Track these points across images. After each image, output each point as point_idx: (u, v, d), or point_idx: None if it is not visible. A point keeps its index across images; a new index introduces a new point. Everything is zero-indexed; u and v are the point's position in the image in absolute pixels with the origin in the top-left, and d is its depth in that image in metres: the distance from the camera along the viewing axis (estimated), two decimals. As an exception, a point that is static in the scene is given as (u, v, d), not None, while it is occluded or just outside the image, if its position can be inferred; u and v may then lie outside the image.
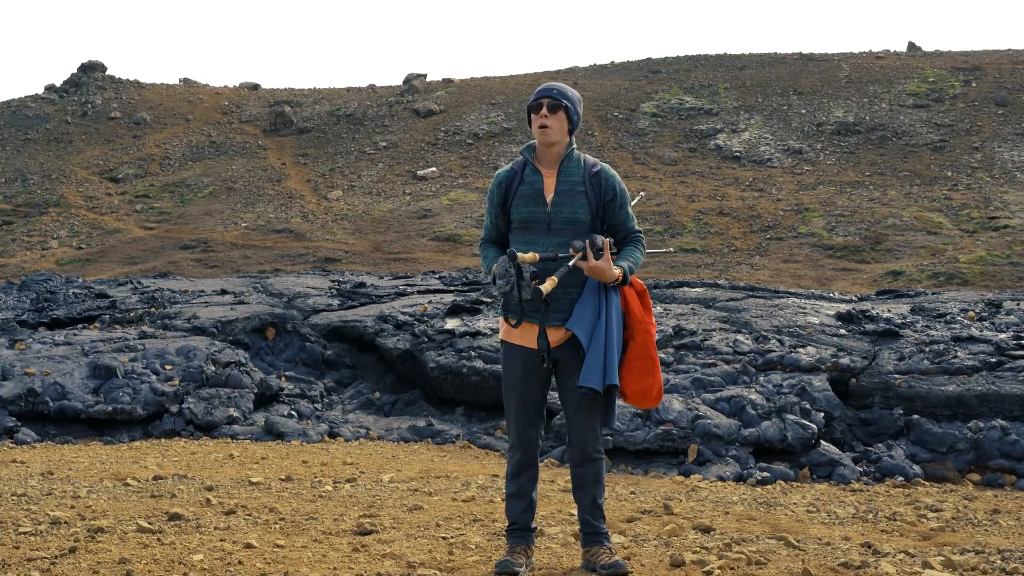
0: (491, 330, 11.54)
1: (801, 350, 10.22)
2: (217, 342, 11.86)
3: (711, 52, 42.38)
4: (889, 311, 11.88)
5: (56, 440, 9.95)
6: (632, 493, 7.08)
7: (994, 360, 9.48)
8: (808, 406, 8.94)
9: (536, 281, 4.45)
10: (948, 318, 11.36)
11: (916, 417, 9.02)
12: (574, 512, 5.86)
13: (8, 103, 40.13)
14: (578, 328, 4.53)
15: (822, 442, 8.70)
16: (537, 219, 4.62)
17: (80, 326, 12.86)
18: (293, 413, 10.87)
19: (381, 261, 24.06)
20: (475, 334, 11.55)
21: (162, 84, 43.20)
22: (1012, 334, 10.18)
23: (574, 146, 4.76)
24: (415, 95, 38.77)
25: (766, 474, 8.10)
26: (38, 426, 10.17)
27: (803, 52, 40.55)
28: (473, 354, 11.08)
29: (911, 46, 40.91)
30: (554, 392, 5.09)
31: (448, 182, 30.91)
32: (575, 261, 4.48)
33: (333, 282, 15.47)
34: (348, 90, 41.58)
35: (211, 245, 26.34)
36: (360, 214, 28.57)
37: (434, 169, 31.85)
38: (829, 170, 29.69)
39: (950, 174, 28.42)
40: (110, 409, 10.22)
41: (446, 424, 10.56)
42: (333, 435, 10.31)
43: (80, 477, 7.55)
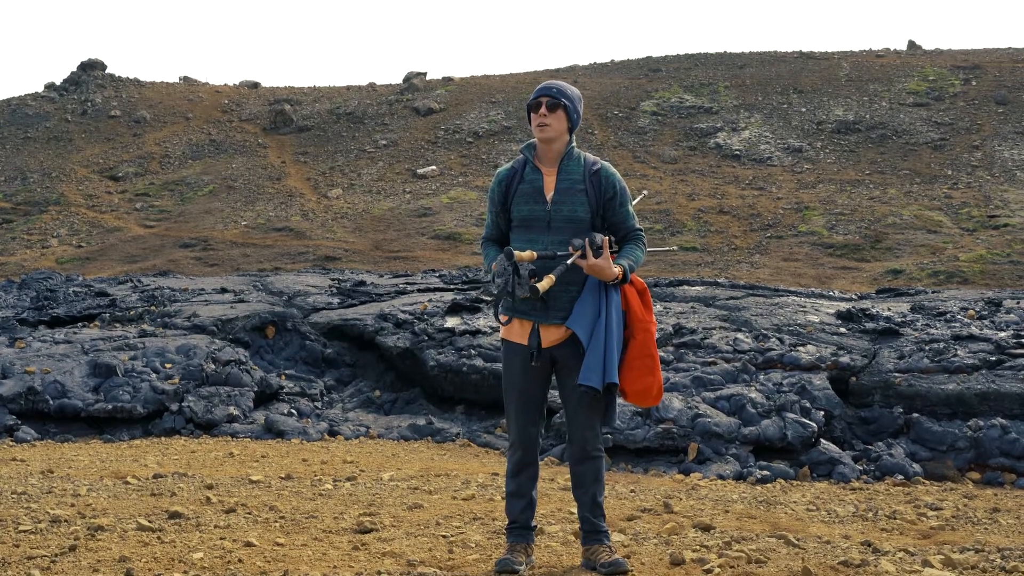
0: (491, 329, 11.53)
1: (801, 348, 10.22)
2: (217, 340, 11.86)
3: (711, 50, 42.36)
4: (889, 310, 11.88)
5: (56, 438, 9.95)
6: (632, 491, 7.08)
7: (994, 358, 9.48)
8: (808, 404, 8.94)
9: (535, 279, 4.46)
10: (948, 316, 11.36)
11: (916, 415, 9.02)
12: (574, 510, 5.86)
13: (8, 101, 40.12)
14: (578, 326, 4.53)
15: (822, 440, 8.70)
16: (537, 217, 4.63)
17: (80, 324, 12.86)
18: (293, 411, 10.87)
19: (381, 259, 24.06)
20: (475, 332, 11.55)
21: (162, 82, 43.20)
22: (1012, 332, 10.18)
23: (574, 144, 4.76)
24: (415, 93, 38.76)
25: (766, 472, 8.11)
26: (38, 424, 10.17)
27: (803, 50, 40.53)
28: (473, 352, 11.08)
29: (911, 44, 40.90)
30: (554, 390, 5.09)
31: (448, 180, 30.91)
32: (574, 259, 4.49)
33: (333, 280, 15.47)
34: (348, 88, 41.57)
35: (211, 243, 26.34)
36: (360, 212, 28.57)
37: (434, 167, 31.85)
38: (829, 168, 29.69)
39: (950, 173, 28.42)
40: (110, 407, 10.22)
41: (446, 422, 10.56)
42: (333, 433, 10.31)
43: (80, 475, 7.55)
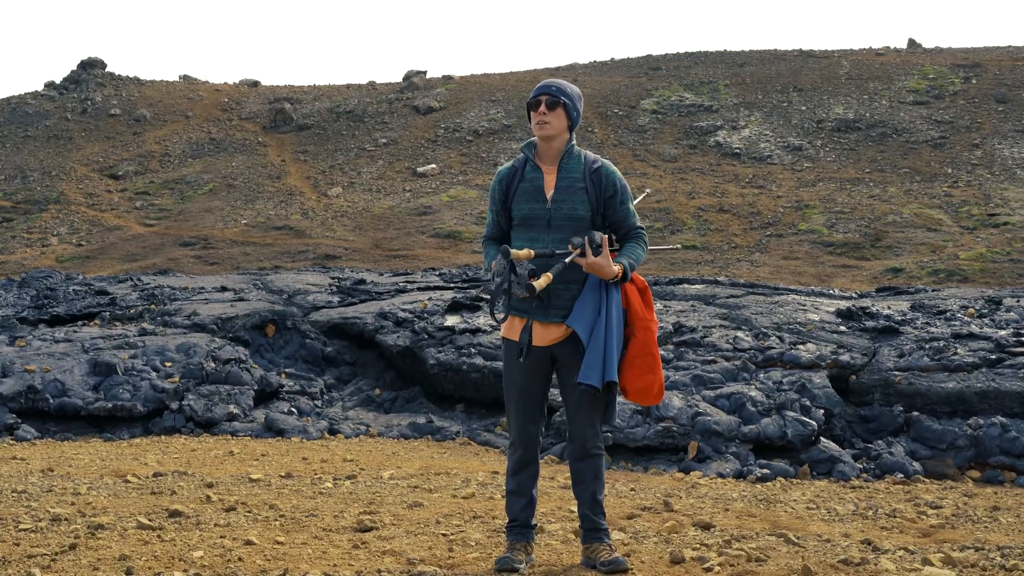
0: (491, 327, 11.53)
1: (801, 347, 10.22)
2: (217, 339, 11.86)
3: (711, 49, 42.34)
4: (889, 308, 11.88)
5: (56, 437, 9.95)
6: (632, 490, 7.09)
7: (994, 357, 9.48)
8: (808, 403, 8.94)
9: (534, 278, 4.46)
10: (948, 315, 11.36)
11: (916, 414, 9.02)
12: (574, 509, 5.87)
13: (8, 100, 40.12)
14: (578, 325, 4.53)
15: (822, 439, 8.70)
16: (538, 216, 4.63)
17: (80, 323, 12.86)
18: (293, 410, 10.88)
19: (381, 258, 24.06)
20: (475, 331, 11.55)
21: (162, 81, 43.20)
22: (1012, 331, 10.18)
23: (574, 143, 4.76)
24: (415, 92, 38.75)
25: (766, 471, 8.10)
26: (38, 423, 10.17)
27: (803, 49, 40.52)
28: (473, 351, 11.08)
29: (911, 43, 40.90)
30: (555, 388, 5.10)
31: (448, 179, 30.91)
32: (573, 257, 4.49)
33: (333, 279, 15.47)
34: (348, 87, 41.57)
35: (211, 242, 26.34)
36: (360, 211, 28.57)
37: (434, 166, 31.85)
38: (829, 167, 29.69)
39: (950, 171, 28.42)
40: (110, 406, 10.22)
41: (446, 421, 10.56)
42: (333, 432, 10.31)
43: (80, 474, 7.55)
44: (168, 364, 10.98)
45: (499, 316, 4.68)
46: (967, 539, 5.61)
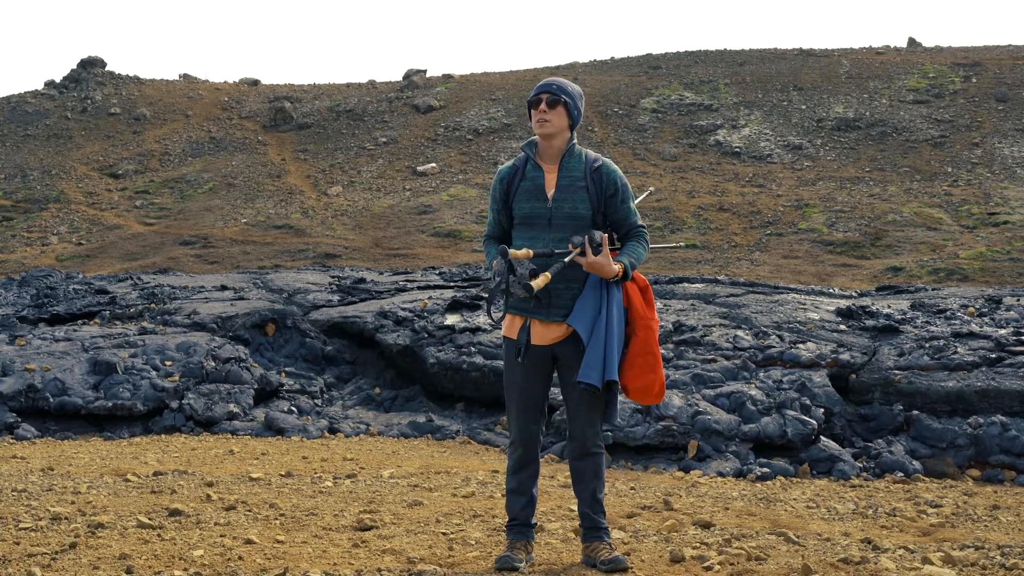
0: (491, 326, 11.53)
1: (801, 346, 10.22)
2: (217, 338, 11.86)
3: (711, 48, 42.34)
4: (889, 307, 11.88)
5: (56, 436, 9.95)
6: (632, 489, 7.09)
7: (994, 356, 9.48)
8: (808, 402, 8.94)
9: (533, 278, 4.46)
10: (948, 314, 11.36)
11: (916, 413, 9.02)
12: (574, 508, 5.87)
13: (8, 99, 40.10)
14: (578, 324, 4.53)
15: (822, 438, 8.70)
16: (538, 215, 4.63)
17: (80, 322, 12.87)
18: (293, 409, 10.88)
19: (381, 257, 24.06)
20: (475, 330, 11.55)
21: (162, 80, 43.19)
22: (1012, 330, 10.18)
23: (575, 141, 4.76)
24: (415, 91, 38.74)
25: (766, 470, 8.11)
26: (38, 422, 10.17)
27: (803, 48, 40.51)
28: (473, 350, 11.08)
29: (911, 41, 40.89)
30: (555, 387, 5.09)
31: (448, 178, 30.90)
32: (572, 256, 4.49)
33: (333, 278, 15.47)
34: (348, 86, 41.56)
35: (211, 241, 26.34)
36: (360, 210, 28.56)
37: (434, 165, 31.84)
38: (829, 166, 29.68)
39: (950, 170, 28.41)
40: (110, 405, 10.22)
41: (446, 420, 10.56)
42: (333, 431, 10.31)
43: (80, 473, 7.55)
44: (168, 363, 10.98)
45: (496, 316, 4.69)
46: (967, 538, 5.61)
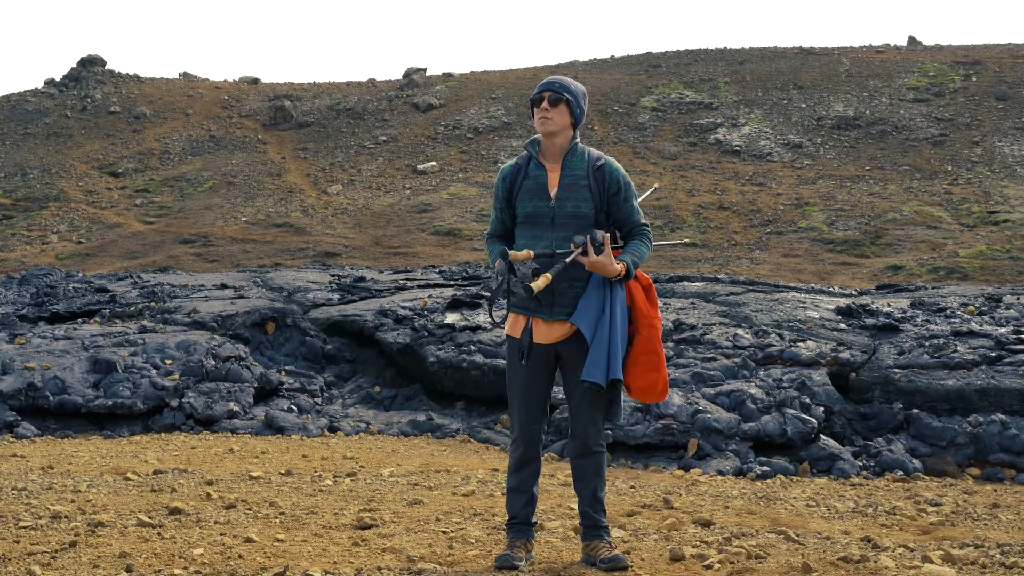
0: (491, 324, 11.54)
1: (801, 344, 10.22)
2: (217, 336, 11.86)
3: (711, 46, 42.35)
4: (889, 305, 11.88)
5: (56, 434, 9.95)
6: (632, 487, 7.09)
7: (994, 354, 9.48)
8: (808, 400, 8.94)
9: (534, 278, 4.46)
10: (948, 312, 11.36)
11: (916, 411, 9.02)
12: (574, 506, 5.87)
13: (8, 97, 40.10)
14: (582, 322, 4.52)
15: (822, 436, 8.70)
16: (541, 214, 4.62)
17: (80, 320, 12.87)
18: (293, 407, 10.88)
19: (381, 255, 24.06)
20: (475, 328, 11.55)
21: (162, 78, 43.19)
22: (1012, 328, 10.18)
23: (578, 140, 4.75)
24: (415, 89, 38.74)
25: (766, 468, 8.11)
26: (38, 420, 10.17)
27: (803, 46, 40.52)
28: (473, 348, 11.08)
29: (911, 40, 40.89)
30: (557, 385, 5.09)
31: (448, 176, 30.90)
32: (574, 256, 4.48)
33: (333, 276, 15.47)
34: (348, 84, 41.57)
35: (211, 240, 26.35)
36: (360, 208, 28.57)
37: (434, 163, 31.84)
38: (829, 164, 29.68)
39: (950, 168, 28.41)
40: (110, 403, 10.22)
41: (446, 418, 10.57)
42: (333, 429, 10.31)
43: (80, 471, 7.55)
44: (168, 362, 10.98)
45: (497, 316, 4.69)
46: (967, 536, 5.61)
